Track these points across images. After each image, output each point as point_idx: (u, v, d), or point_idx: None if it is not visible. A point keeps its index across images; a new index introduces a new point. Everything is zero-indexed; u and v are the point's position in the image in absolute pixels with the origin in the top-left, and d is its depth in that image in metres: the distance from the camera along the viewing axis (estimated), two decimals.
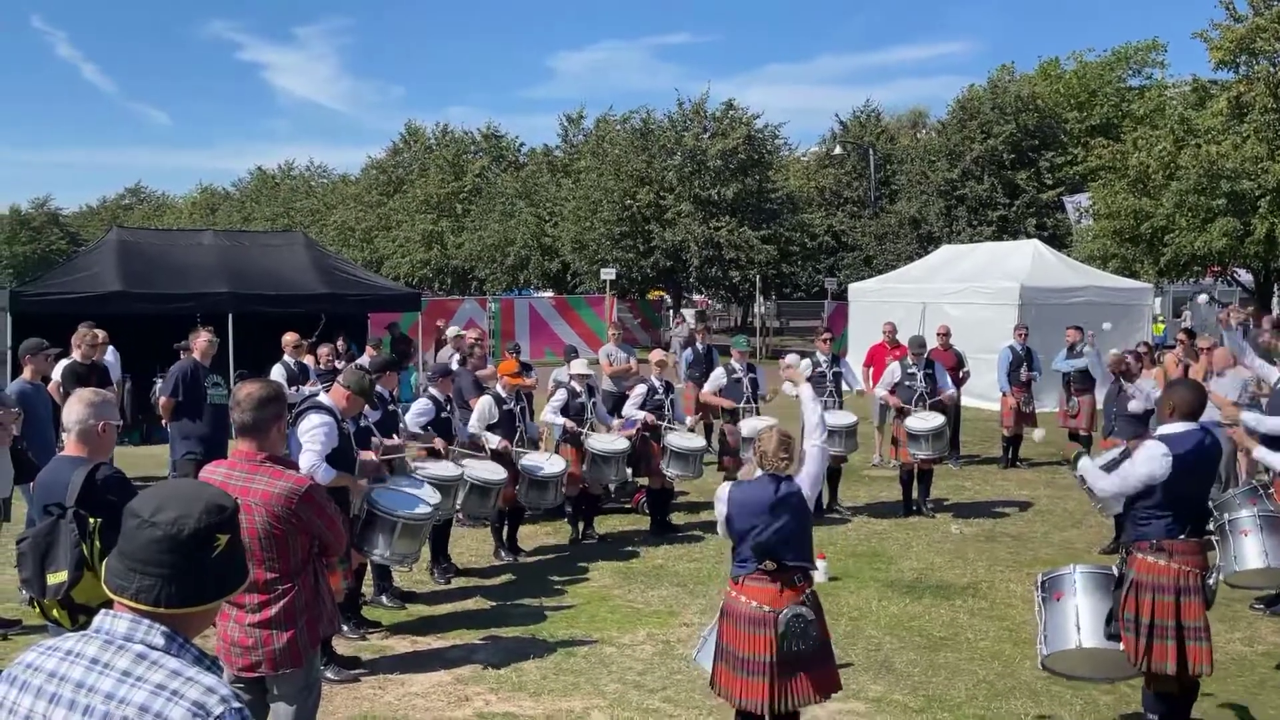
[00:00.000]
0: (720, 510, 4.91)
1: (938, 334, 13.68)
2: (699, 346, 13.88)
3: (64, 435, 4.61)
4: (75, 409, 4.63)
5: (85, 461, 4.55)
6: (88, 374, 8.89)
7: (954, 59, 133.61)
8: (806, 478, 4.94)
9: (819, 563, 8.28)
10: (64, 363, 9.34)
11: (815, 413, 5.32)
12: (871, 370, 13.43)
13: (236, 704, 1.94)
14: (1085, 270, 21.52)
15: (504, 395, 9.16)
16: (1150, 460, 5.08)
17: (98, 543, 4.39)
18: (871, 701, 6.08)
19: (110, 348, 11.10)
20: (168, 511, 2.03)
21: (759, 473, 4.89)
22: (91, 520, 4.39)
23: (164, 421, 9.57)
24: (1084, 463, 5.68)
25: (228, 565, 2.10)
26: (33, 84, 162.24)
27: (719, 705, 5.34)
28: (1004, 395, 13.64)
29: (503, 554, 9.24)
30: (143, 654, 1.96)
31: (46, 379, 8.18)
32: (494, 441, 8.84)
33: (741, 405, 10.64)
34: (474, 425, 8.99)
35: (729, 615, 4.82)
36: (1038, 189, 34.46)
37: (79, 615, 4.43)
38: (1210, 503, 5.60)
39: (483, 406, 9.06)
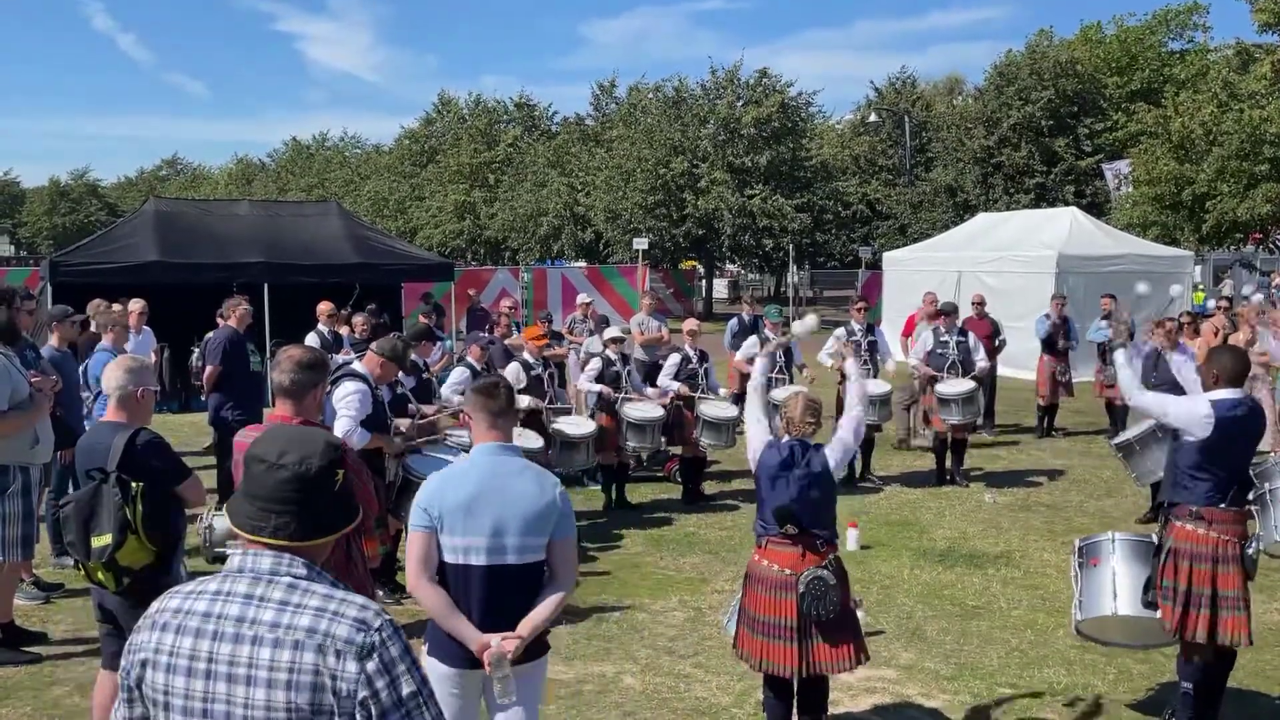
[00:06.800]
0: (753, 460, 4.96)
1: (973, 302, 13.56)
2: (745, 317, 13.85)
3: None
4: (114, 375, 4.70)
5: (125, 427, 4.62)
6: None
7: (992, 24, 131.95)
8: (838, 444, 4.92)
9: (851, 531, 8.34)
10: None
11: (860, 388, 5.30)
12: (910, 340, 13.34)
13: (388, 616, 2.14)
14: (1124, 238, 21.23)
15: (531, 361, 9.23)
16: (1194, 408, 5.06)
17: (140, 506, 4.46)
18: (903, 669, 6.09)
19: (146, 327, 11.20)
20: (293, 453, 2.20)
21: (785, 438, 4.89)
22: (134, 484, 4.47)
23: (205, 391, 9.66)
24: (1120, 356, 5.57)
25: (347, 498, 2.30)
26: (71, 56, 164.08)
27: (749, 671, 5.37)
28: (1040, 359, 13.49)
29: None
30: (293, 584, 2.14)
31: (74, 345, 8.26)
32: (525, 401, 8.91)
33: (774, 374, 10.61)
34: None
35: (753, 579, 4.84)
36: (1076, 156, 33.95)
37: (123, 577, 4.51)
38: (1250, 471, 5.52)
39: (510, 373, 9.12)
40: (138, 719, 2.19)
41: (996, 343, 13.39)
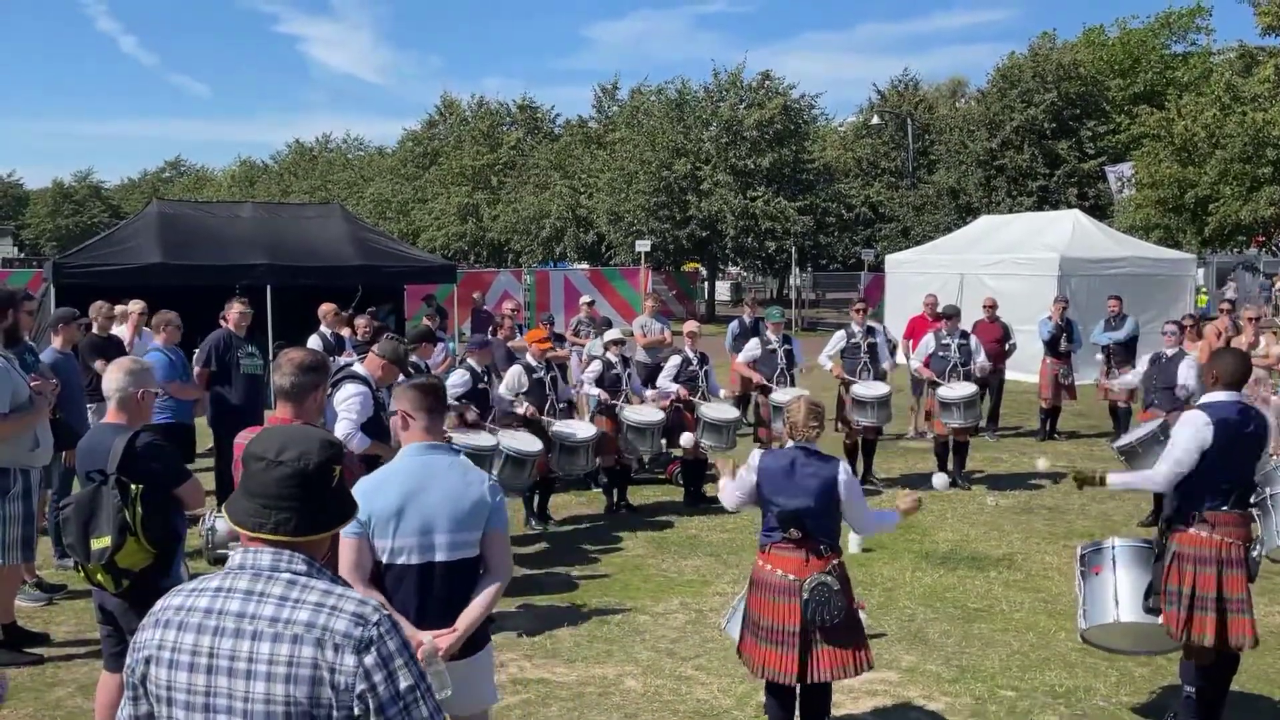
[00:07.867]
0: (749, 478, 4.91)
1: (984, 306, 13.55)
2: (746, 319, 13.85)
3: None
4: (115, 377, 4.70)
5: (125, 429, 4.62)
6: (104, 345, 8.99)
7: (995, 27, 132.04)
8: (861, 507, 4.94)
9: (852, 535, 8.31)
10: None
11: (889, 520, 5.23)
12: (911, 342, 13.34)
13: (386, 612, 2.17)
14: (1127, 241, 21.20)
15: (534, 364, 9.23)
16: (1193, 427, 5.00)
17: (139, 508, 4.46)
18: (904, 672, 6.08)
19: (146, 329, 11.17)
20: (291, 450, 2.22)
21: (790, 443, 4.89)
22: (133, 486, 4.47)
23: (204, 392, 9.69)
24: (1113, 479, 5.46)
25: (344, 494, 2.33)
26: (74, 57, 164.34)
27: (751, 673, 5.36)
28: (1043, 361, 13.49)
29: (533, 522, 9.31)
30: (292, 580, 2.16)
31: (75, 347, 8.26)
32: (522, 408, 8.91)
33: (775, 377, 10.61)
34: (503, 394, 9.05)
35: (757, 585, 4.84)
36: (1079, 159, 33.92)
37: (122, 579, 4.51)
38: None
39: (512, 376, 9.14)
40: (143, 716, 2.21)
41: (1007, 347, 13.38)
